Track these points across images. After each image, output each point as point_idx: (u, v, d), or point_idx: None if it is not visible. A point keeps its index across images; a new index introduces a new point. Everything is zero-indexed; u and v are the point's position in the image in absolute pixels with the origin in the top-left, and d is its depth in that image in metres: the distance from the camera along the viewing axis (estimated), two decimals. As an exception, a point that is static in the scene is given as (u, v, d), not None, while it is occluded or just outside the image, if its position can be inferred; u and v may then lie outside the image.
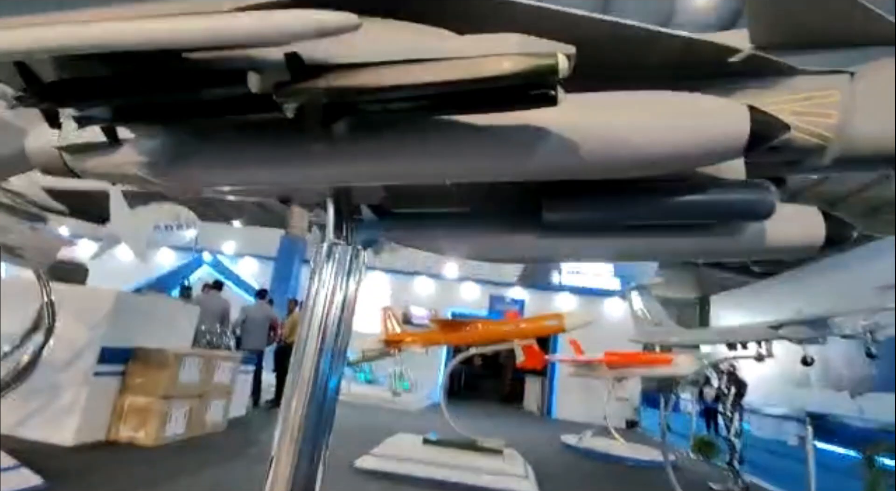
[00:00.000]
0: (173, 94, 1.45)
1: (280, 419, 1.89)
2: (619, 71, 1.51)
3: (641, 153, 1.43)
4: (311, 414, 1.87)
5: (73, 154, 1.83)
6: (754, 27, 1.52)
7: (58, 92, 1.46)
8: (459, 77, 1.25)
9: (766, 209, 1.77)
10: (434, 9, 1.37)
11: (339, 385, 1.99)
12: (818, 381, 12.73)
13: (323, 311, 1.88)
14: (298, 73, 1.34)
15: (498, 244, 2.25)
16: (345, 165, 1.65)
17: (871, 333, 8.33)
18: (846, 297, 10.01)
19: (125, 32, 1.17)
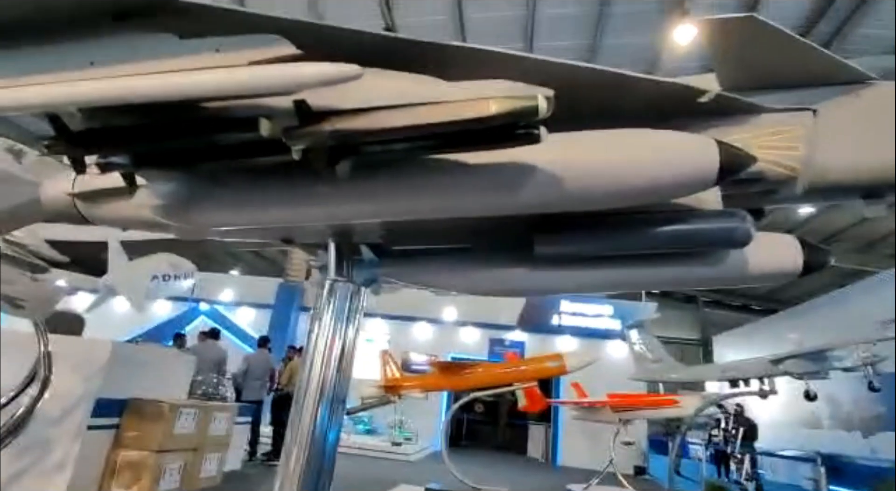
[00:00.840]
0: (191, 140, 1.58)
1: (279, 474, 1.88)
2: (598, 111, 1.63)
3: (620, 186, 1.54)
4: (311, 468, 1.87)
5: (87, 201, 1.92)
6: (721, 70, 1.65)
7: (85, 140, 1.58)
8: (451, 118, 1.39)
9: (744, 236, 1.86)
10: (427, 59, 1.51)
11: (338, 436, 1.99)
12: (828, 420, 12.47)
13: (324, 350, 1.92)
14: (306, 118, 1.47)
15: (494, 278, 2.32)
16: (347, 204, 1.76)
17: (871, 366, 8.27)
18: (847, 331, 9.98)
19: (154, 86, 1.30)
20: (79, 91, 1.34)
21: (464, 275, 2.34)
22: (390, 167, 1.71)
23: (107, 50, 1.42)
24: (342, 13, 10.15)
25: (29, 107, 1.35)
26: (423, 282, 2.43)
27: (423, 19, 10.30)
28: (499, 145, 1.52)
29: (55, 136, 1.53)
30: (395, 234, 2.25)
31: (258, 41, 1.41)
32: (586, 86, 1.58)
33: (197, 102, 1.40)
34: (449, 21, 10.26)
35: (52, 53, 1.43)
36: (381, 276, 2.40)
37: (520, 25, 10.32)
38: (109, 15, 1.43)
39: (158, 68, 1.38)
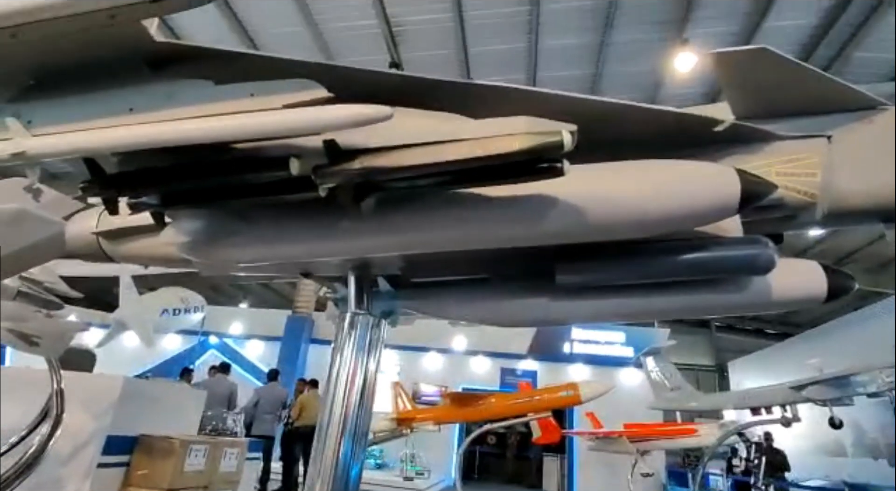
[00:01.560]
0: (222, 180, 1.61)
1: None
2: (616, 142, 1.65)
3: (642, 216, 1.55)
4: None
5: (111, 239, 1.95)
6: (733, 99, 1.69)
7: (120, 182, 1.62)
8: (476, 155, 1.41)
9: (766, 263, 1.86)
10: (451, 97, 1.55)
11: (361, 471, 1.96)
12: (852, 448, 12.07)
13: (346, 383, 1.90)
14: (335, 156, 1.51)
15: (514, 308, 2.32)
16: (371, 238, 1.78)
17: (895, 391, 8.05)
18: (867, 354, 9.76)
19: (193, 131, 1.35)
20: (121, 137, 1.40)
21: (483, 305, 2.34)
22: (413, 201, 1.74)
23: (145, 97, 1.47)
24: (349, 49, 10.44)
25: (74, 152, 1.40)
26: (441, 313, 2.43)
27: (428, 53, 10.56)
28: (523, 179, 1.55)
29: (91, 179, 1.58)
30: (413, 266, 2.27)
31: (290, 85, 1.45)
32: (605, 118, 1.61)
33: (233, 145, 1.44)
34: (454, 54, 10.52)
35: (94, 101, 1.48)
36: (399, 307, 2.41)
37: (523, 57, 10.56)
38: (147, 63, 1.49)
39: (195, 113, 1.42)
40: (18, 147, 1.41)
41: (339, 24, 9.79)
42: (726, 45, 9.89)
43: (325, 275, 2.43)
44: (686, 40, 9.51)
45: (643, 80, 10.98)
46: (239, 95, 1.44)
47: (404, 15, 9.71)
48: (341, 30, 9.95)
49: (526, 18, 9.64)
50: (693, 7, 9.10)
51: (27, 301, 4.54)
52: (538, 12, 9.37)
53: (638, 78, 10.95)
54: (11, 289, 4.48)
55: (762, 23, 9.26)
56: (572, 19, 9.60)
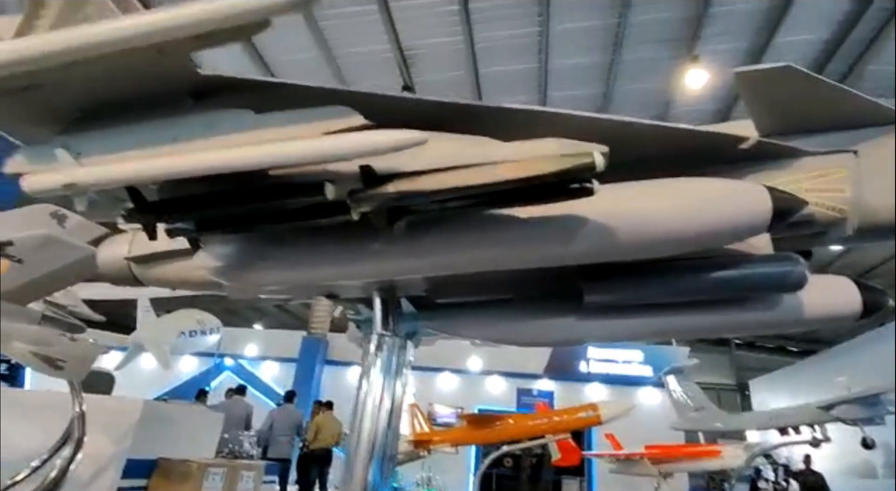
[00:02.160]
0: (258, 205, 1.64)
1: None
2: (643, 161, 1.66)
3: (674, 234, 1.55)
4: None
5: (142, 264, 1.99)
6: (757, 116, 1.69)
7: (161, 209, 1.66)
8: (510, 177, 1.42)
9: (798, 280, 1.83)
10: (483, 121, 1.57)
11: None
12: (883, 469, 11.63)
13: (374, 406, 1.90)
14: (370, 181, 1.53)
15: (539, 328, 2.30)
16: (404, 260, 1.80)
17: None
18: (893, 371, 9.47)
19: (235, 159, 1.38)
20: (166, 166, 1.44)
21: (508, 326, 2.33)
22: (445, 222, 1.76)
23: (188, 127, 1.51)
24: (362, 73, 10.64)
25: (121, 182, 1.45)
26: (466, 334, 2.42)
27: (440, 76, 10.72)
28: (554, 200, 1.56)
29: (133, 207, 1.62)
30: (437, 287, 2.27)
31: (328, 113, 1.48)
32: (631, 137, 1.62)
33: (270, 171, 1.48)
34: (465, 76, 10.66)
35: (139, 132, 1.52)
36: (422, 328, 2.40)
37: (533, 77, 10.67)
38: (189, 94, 1.53)
39: (236, 142, 1.45)
40: (69, 178, 1.45)
41: (352, 50, 10.01)
42: (737, 61, 9.92)
43: (349, 296, 2.44)
44: (696, 57, 9.55)
45: (654, 97, 11.03)
46: (278, 124, 1.47)
47: (415, 39, 9.90)
48: (354, 55, 10.16)
49: (535, 39, 9.77)
50: (703, 24, 9.15)
51: (51, 325, 4.60)
52: (547, 33, 9.50)
53: (648, 95, 11.00)
54: (36, 313, 4.55)
55: (772, 39, 9.28)
56: (581, 39, 9.71)
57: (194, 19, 1.26)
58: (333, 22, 9.47)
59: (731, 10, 8.95)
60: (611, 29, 9.47)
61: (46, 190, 1.51)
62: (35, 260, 3.62)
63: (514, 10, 9.24)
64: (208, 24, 1.27)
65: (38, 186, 1.52)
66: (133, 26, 1.26)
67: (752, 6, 8.87)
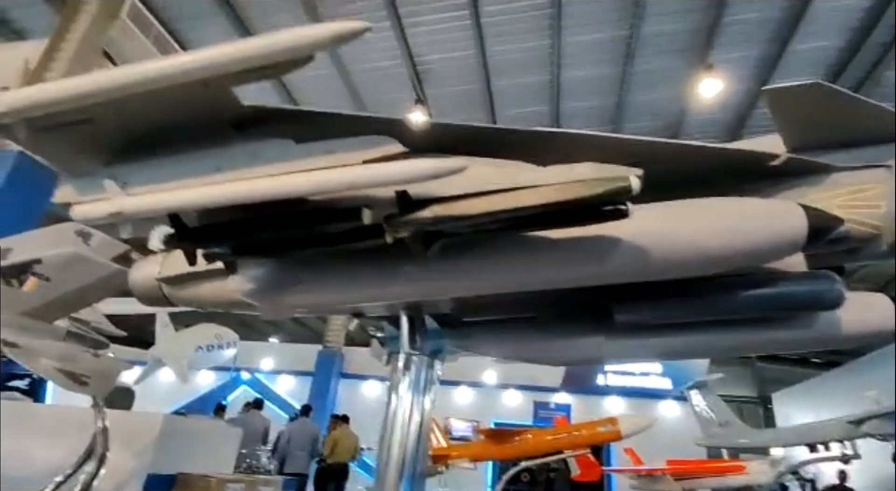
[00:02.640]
0: (296, 230, 1.67)
1: None
2: (673, 181, 1.66)
3: (708, 254, 1.54)
4: None
5: (173, 284, 2.03)
6: (786, 133, 1.68)
7: (201, 235, 1.71)
8: (546, 202, 1.43)
9: (835, 298, 1.80)
10: (516, 145, 1.59)
11: None
12: (915, 485, 11.23)
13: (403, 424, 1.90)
14: (407, 206, 1.55)
15: (567, 347, 2.29)
16: (437, 282, 1.81)
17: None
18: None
19: (278, 187, 1.42)
20: (210, 195, 1.48)
21: (536, 344, 2.32)
22: (478, 244, 1.77)
23: (231, 156, 1.56)
24: (377, 89, 10.78)
25: (166, 210, 1.50)
26: (492, 352, 2.41)
27: (452, 89, 10.81)
28: (588, 222, 1.57)
29: (174, 233, 1.67)
30: (463, 305, 2.27)
31: (368, 142, 1.52)
32: (662, 158, 1.62)
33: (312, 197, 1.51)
34: (477, 89, 10.74)
35: (184, 162, 1.57)
36: (448, 346, 2.40)
37: (545, 89, 10.71)
38: (231, 125, 1.58)
39: (278, 171, 1.49)
40: (116, 207, 1.51)
41: (366, 66, 10.15)
42: (751, 69, 9.88)
43: (375, 314, 2.45)
44: (710, 66, 9.52)
45: (667, 107, 10.99)
46: (319, 152, 1.51)
47: (428, 53, 10.01)
48: (368, 71, 10.31)
49: (547, 52, 9.82)
50: (715, 34, 9.13)
51: (76, 341, 4.67)
52: (559, 45, 9.55)
53: (662, 105, 10.97)
54: (62, 329, 4.63)
55: (787, 46, 9.22)
56: (593, 52, 9.74)
57: (243, 56, 1.33)
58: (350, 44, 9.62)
59: (745, 18, 8.93)
60: (622, 40, 9.49)
61: (94, 219, 1.56)
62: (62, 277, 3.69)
63: (525, 25, 9.32)
64: (256, 61, 1.33)
65: (86, 215, 1.58)
66: (185, 63, 1.33)
67: (766, 15, 8.84)
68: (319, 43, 1.33)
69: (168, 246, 1.74)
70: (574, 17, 9.04)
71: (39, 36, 7.88)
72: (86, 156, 1.62)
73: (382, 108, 11.20)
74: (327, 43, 1.34)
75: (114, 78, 1.36)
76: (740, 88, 10.24)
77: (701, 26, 9.13)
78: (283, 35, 1.34)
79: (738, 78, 9.98)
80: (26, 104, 1.43)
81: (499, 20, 9.24)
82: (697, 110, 10.83)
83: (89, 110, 1.42)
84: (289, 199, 1.48)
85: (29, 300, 3.68)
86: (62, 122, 1.46)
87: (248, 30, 9.54)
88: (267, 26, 9.46)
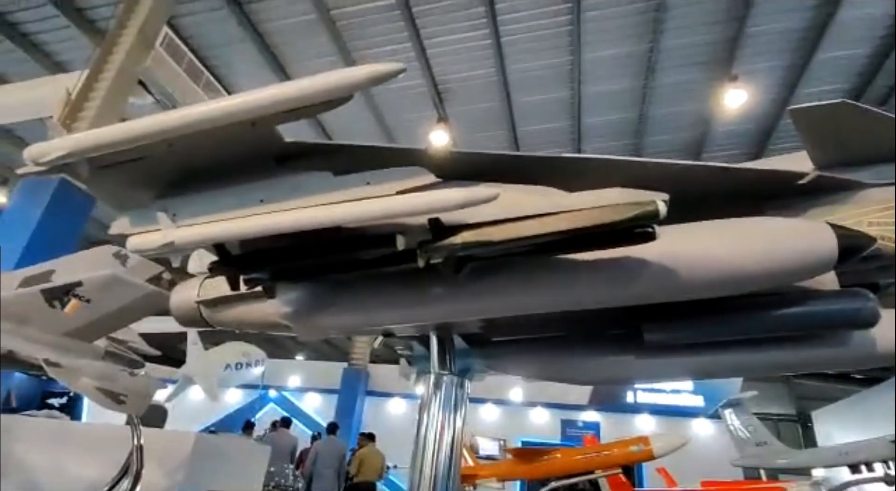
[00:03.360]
0: (333, 256, 1.76)
1: None
2: (699, 202, 1.67)
3: (736, 275, 1.54)
4: None
5: (210, 307, 2.11)
6: (814, 151, 1.68)
7: (244, 262, 1.83)
8: (574, 227, 1.46)
9: (869, 317, 1.76)
10: (543, 172, 1.64)
11: None
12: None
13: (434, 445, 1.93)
14: (439, 233, 1.62)
15: (597, 366, 2.28)
16: (467, 303, 1.86)
17: None
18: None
19: (319, 218, 1.51)
20: (255, 226, 1.59)
21: (566, 363, 2.32)
22: (508, 267, 1.80)
23: (274, 189, 1.66)
24: (399, 108, 10.98)
25: (214, 241, 1.59)
26: (522, 371, 2.42)
27: (474, 107, 10.95)
28: (616, 245, 1.59)
29: (219, 260, 1.76)
30: (493, 324, 2.29)
31: (402, 173, 1.60)
32: (687, 180, 1.64)
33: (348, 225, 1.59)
34: (499, 107, 10.85)
35: (230, 195, 1.69)
36: (477, 365, 2.42)
37: (567, 104, 10.76)
38: (274, 159, 1.69)
39: (317, 202, 1.59)
40: (167, 238, 1.63)
41: (389, 87, 10.33)
42: (777, 78, 9.75)
43: (405, 334, 2.50)
44: (735, 77, 9.43)
45: (692, 119, 10.91)
46: (356, 184, 1.60)
47: (449, 73, 10.18)
48: (392, 91, 10.52)
49: (567, 68, 9.89)
50: (739, 45, 9.07)
51: (114, 360, 4.82)
52: (579, 62, 9.61)
53: (685, 118, 10.90)
54: (101, 349, 4.79)
55: (813, 55, 9.09)
56: (613, 66, 9.77)
57: (287, 98, 1.44)
58: (370, 61, 9.83)
59: (769, 29, 8.85)
60: (643, 55, 9.50)
61: (148, 250, 1.68)
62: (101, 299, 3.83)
63: (545, 42, 9.42)
64: (299, 102, 1.44)
65: (140, 247, 1.70)
66: (235, 105, 1.46)
67: (790, 24, 8.75)
68: (357, 84, 1.43)
69: (213, 272, 1.84)
70: (594, 33, 9.10)
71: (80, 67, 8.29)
72: (139, 190, 1.74)
73: (405, 127, 11.42)
74: (364, 84, 1.43)
75: (170, 120, 1.48)
76: (766, 98, 10.11)
77: (723, 38, 9.08)
78: (323, 78, 1.44)
79: (764, 88, 9.86)
80: (89, 145, 1.56)
81: (518, 38, 9.37)
82: (723, 122, 10.72)
83: (144, 149, 1.54)
84: (328, 227, 1.56)
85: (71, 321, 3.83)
86: (119, 161, 1.58)
87: (275, 56, 9.86)
88: (293, 52, 9.78)
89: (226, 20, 9.14)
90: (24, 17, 9.38)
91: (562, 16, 8.92)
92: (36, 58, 9.96)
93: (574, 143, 11.61)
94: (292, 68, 10.12)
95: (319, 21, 9.05)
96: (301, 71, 10.11)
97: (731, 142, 11.38)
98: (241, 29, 9.23)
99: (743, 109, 10.04)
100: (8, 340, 3.02)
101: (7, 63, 10.26)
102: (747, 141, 11.34)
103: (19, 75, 9.90)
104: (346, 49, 9.60)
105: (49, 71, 9.73)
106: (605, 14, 8.80)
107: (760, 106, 10.22)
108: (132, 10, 7.53)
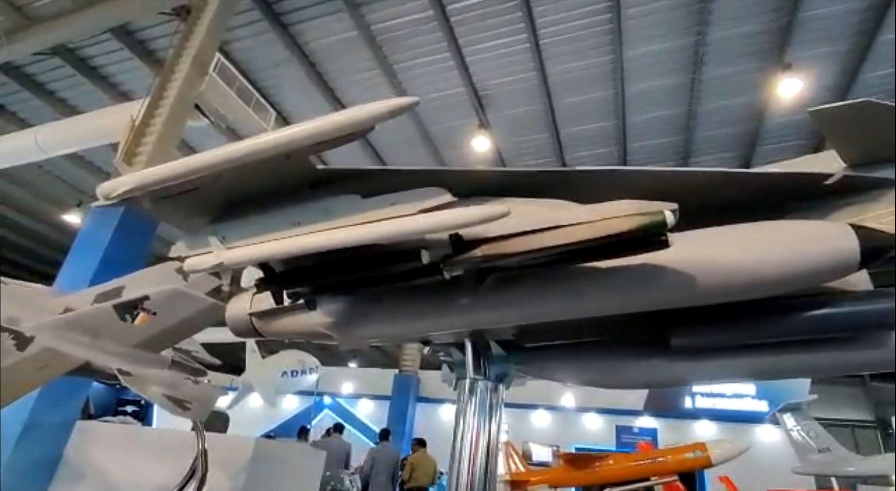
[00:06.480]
0: (364, 271, 1.94)
1: None
2: (724, 207, 1.68)
3: (755, 280, 1.54)
4: None
5: (261, 319, 2.31)
6: (839, 149, 1.64)
7: (286, 278, 2.04)
8: (587, 237, 1.54)
9: None
10: (557, 184, 1.73)
11: None
12: None
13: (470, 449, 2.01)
14: (459, 247, 1.75)
15: (629, 371, 2.30)
16: (490, 312, 1.98)
17: None
18: None
19: (349, 237, 1.71)
20: (292, 246, 1.79)
21: (598, 368, 2.35)
22: (528, 277, 1.89)
23: (308, 212, 1.86)
24: (441, 116, 11.11)
25: (258, 260, 1.79)
26: (555, 376, 2.46)
27: (515, 112, 10.94)
28: (631, 253, 1.65)
29: (264, 277, 2.01)
30: (525, 331, 2.36)
31: (423, 194, 1.77)
32: (707, 187, 1.65)
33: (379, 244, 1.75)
34: (540, 110, 10.79)
35: (270, 219, 1.90)
36: (512, 370, 2.48)
37: (611, 103, 10.56)
38: (308, 184, 1.90)
39: (348, 223, 1.77)
40: (218, 259, 1.86)
41: (430, 95, 10.51)
42: (835, 65, 9.22)
43: (441, 341, 2.60)
44: (789, 65, 8.99)
45: (742, 112, 10.46)
46: (382, 205, 1.78)
47: (489, 79, 10.23)
48: (433, 100, 10.67)
49: (609, 67, 9.73)
50: (793, 32, 8.64)
51: (179, 369, 5.17)
52: (621, 59, 9.43)
53: (737, 111, 10.46)
54: (167, 359, 5.15)
55: (875, 38, 8.55)
56: (658, 62, 9.53)
57: (316, 132, 1.64)
58: (411, 72, 10.09)
59: (824, 13, 8.39)
60: (689, 48, 9.21)
61: (201, 270, 1.92)
62: (166, 311, 4.13)
63: (584, 43, 9.31)
64: (329, 134, 1.64)
65: (195, 267, 1.94)
66: (272, 141, 1.68)
67: (847, 6, 8.26)
68: (378, 117, 1.59)
69: (259, 288, 2.06)
70: (635, 30, 8.92)
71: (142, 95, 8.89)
72: (194, 216, 1.99)
73: (447, 135, 11.54)
74: (385, 117, 1.59)
75: (216, 157, 1.72)
76: (823, 86, 9.57)
77: (774, 26, 8.68)
78: (348, 114, 1.64)
79: (821, 75, 9.34)
80: (150, 181, 1.82)
81: (557, 40, 9.30)
82: (777, 113, 10.21)
83: (200, 181, 1.78)
84: (358, 245, 1.71)
85: (140, 333, 4.15)
86: (175, 193, 1.83)
87: (320, 73, 10.25)
88: (336, 68, 10.13)
89: (272, 43, 9.60)
90: (91, 51, 10.23)
91: (601, 14, 8.81)
92: (103, 88, 10.82)
93: (619, 143, 11.38)
94: (336, 83, 10.48)
95: (360, 37, 9.34)
96: (345, 86, 10.47)
97: (786, 133, 10.82)
98: (287, 50, 9.67)
99: (798, 99, 9.54)
100: (85, 351, 3.32)
101: (78, 95, 11.19)
102: (805, 132, 10.76)
103: (89, 105, 10.79)
104: (388, 62, 9.85)
105: (116, 100, 10.53)
106: (645, 10, 8.62)
107: (818, 94, 9.68)
108: (187, 40, 8.07)
